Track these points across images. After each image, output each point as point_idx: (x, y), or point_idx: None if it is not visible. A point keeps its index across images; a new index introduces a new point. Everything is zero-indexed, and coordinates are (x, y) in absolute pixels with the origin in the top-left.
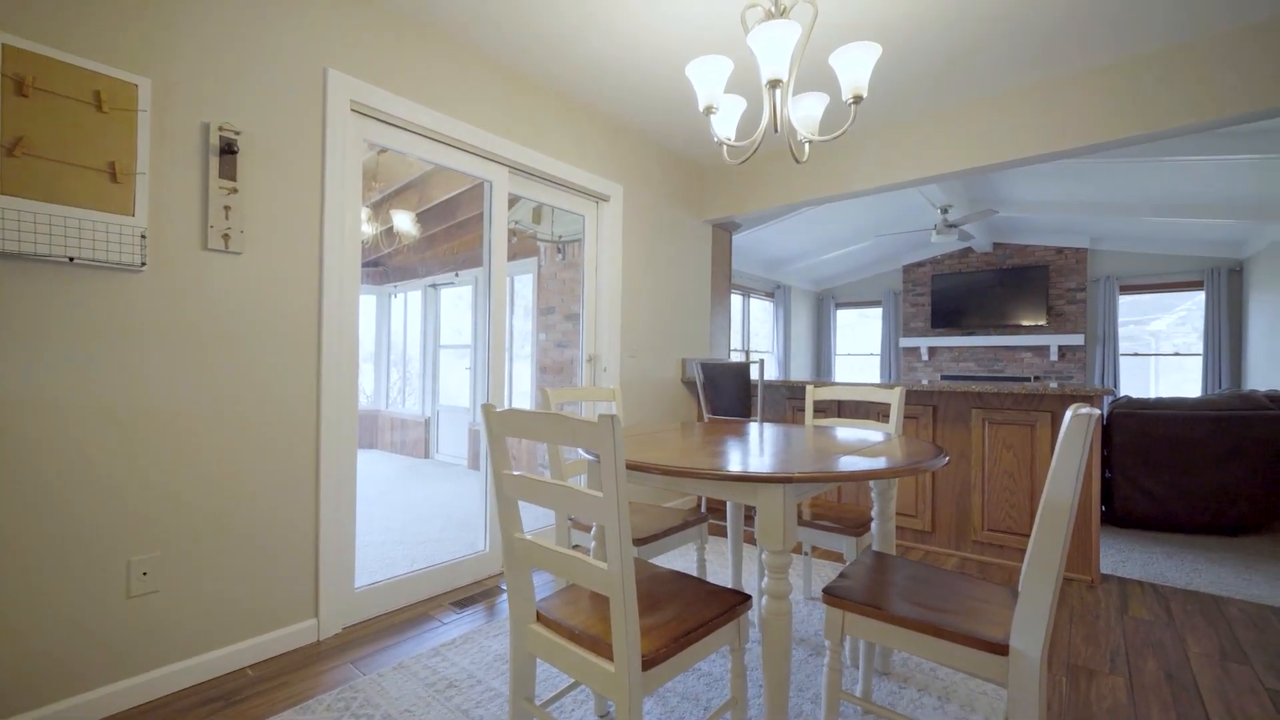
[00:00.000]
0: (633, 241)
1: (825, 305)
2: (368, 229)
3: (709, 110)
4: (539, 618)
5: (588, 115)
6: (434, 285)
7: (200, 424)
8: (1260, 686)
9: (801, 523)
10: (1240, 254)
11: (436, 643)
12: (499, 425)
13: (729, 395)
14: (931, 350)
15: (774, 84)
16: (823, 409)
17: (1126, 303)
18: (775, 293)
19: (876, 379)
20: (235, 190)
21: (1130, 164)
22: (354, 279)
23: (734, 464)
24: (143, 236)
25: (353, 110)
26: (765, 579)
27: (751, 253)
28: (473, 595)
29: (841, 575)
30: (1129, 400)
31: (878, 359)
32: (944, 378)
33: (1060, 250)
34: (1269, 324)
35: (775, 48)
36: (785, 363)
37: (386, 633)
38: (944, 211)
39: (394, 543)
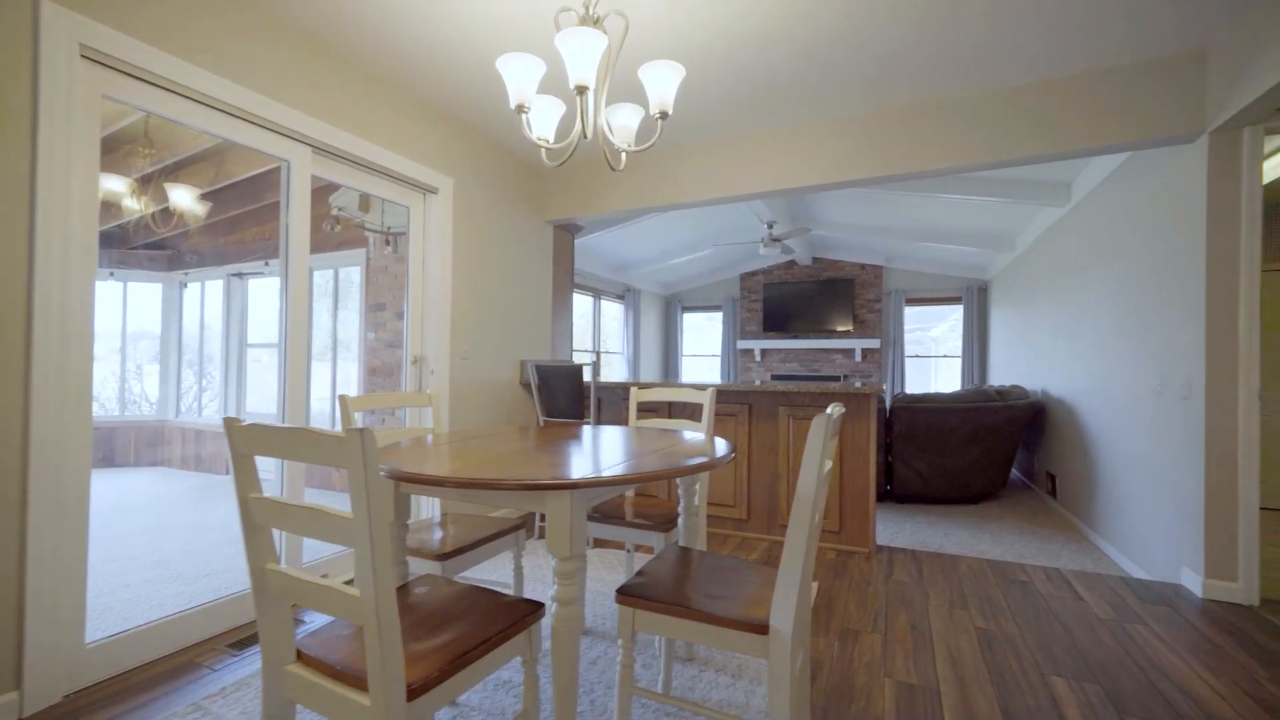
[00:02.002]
0: (465, 237)
1: (673, 308)
2: (132, 204)
3: (521, 109)
4: (300, 656)
5: (414, 102)
6: (239, 274)
7: None
8: (972, 626)
9: (623, 522)
10: (986, 276)
11: (200, 695)
12: (244, 442)
13: (564, 397)
14: (764, 352)
15: (581, 90)
16: (655, 409)
17: (912, 313)
18: (625, 295)
19: (718, 378)
20: None
21: (911, 197)
22: (88, 261)
23: (529, 471)
24: None
25: (84, 57)
26: (554, 585)
27: (601, 255)
28: (258, 633)
29: (639, 573)
30: (906, 395)
31: (719, 360)
32: (774, 377)
33: (863, 266)
34: (1003, 331)
35: (582, 55)
36: (635, 363)
37: (133, 692)
38: (770, 226)
39: (166, 579)
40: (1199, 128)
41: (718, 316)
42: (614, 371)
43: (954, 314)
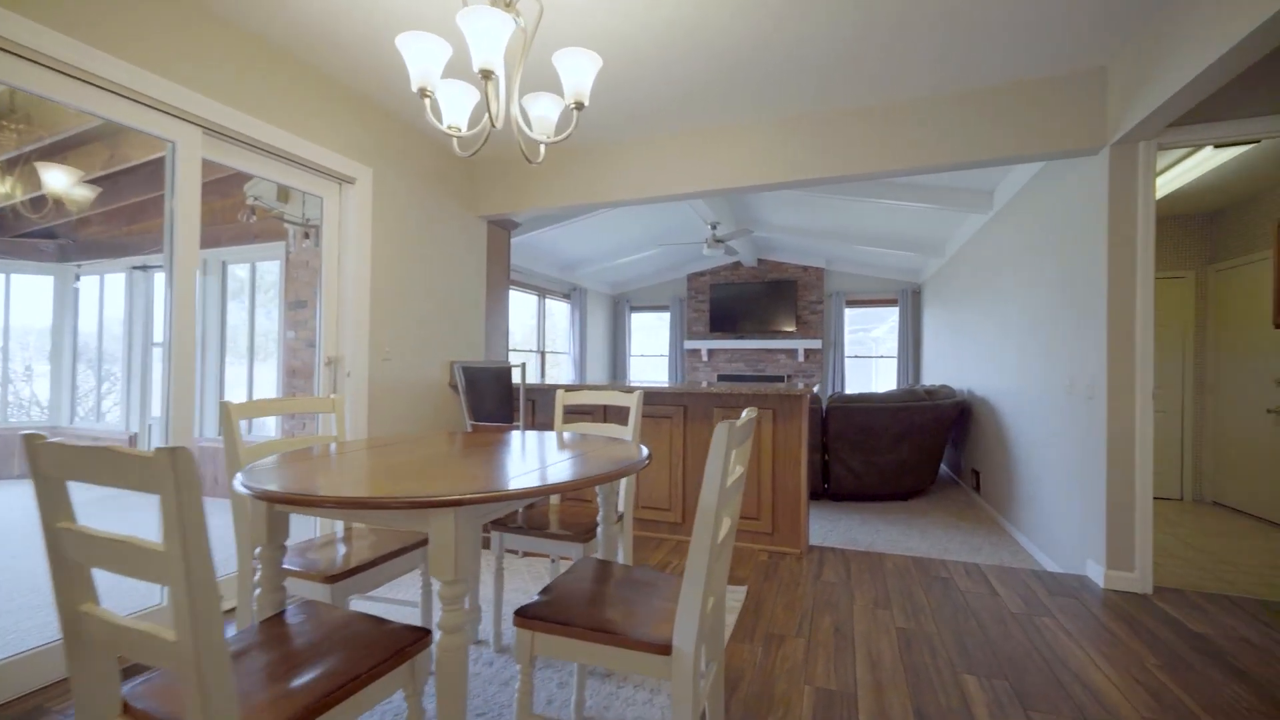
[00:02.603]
0: (387, 231)
1: (621, 308)
2: None
3: (424, 93)
4: (126, 709)
5: (326, 85)
6: (143, 267)
7: None
8: (894, 626)
9: (541, 533)
10: (919, 279)
11: None
12: (52, 464)
13: (492, 400)
14: (710, 352)
15: (486, 74)
16: (590, 411)
17: (854, 314)
18: (572, 294)
19: (666, 378)
20: None
21: (847, 202)
22: None
23: (418, 486)
24: None
25: None
26: (439, 612)
27: (546, 253)
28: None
29: (543, 591)
30: (841, 395)
31: (667, 360)
32: (720, 377)
33: (806, 268)
34: (934, 333)
35: (486, 36)
36: (582, 363)
37: None
38: (713, 227)
39: (30, 610)
40: (1101, 141)
41: (665, 317)
42: (561, 372)
43: (892, 316)
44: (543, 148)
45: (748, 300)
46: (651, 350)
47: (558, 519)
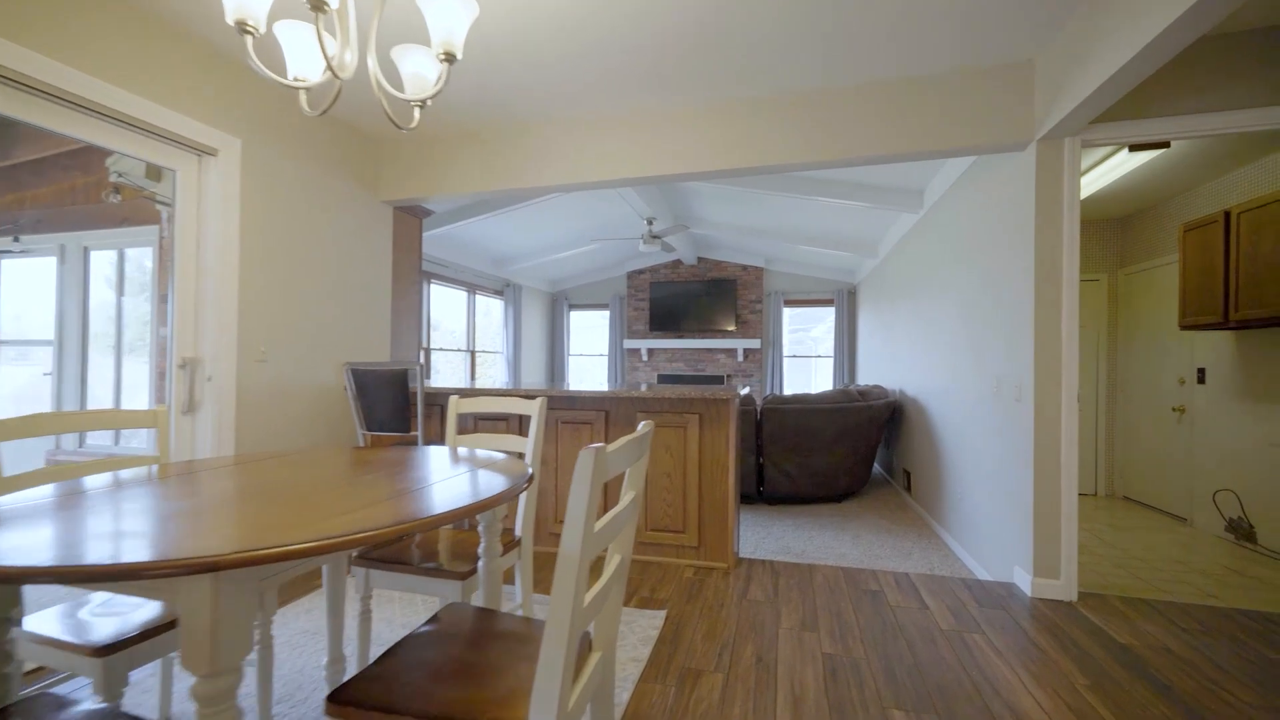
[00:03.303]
0: (262, 213)
1: (559, 306)
2: None
3: (243, 28)
4: None
5: (177, 39)
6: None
7: None
8: (820, 652)
9: (415, 569)
10: (854, 279)
11: None
12: None
13: (385, 407)
14: (650, 351)
15: (318, 6)
16: (503, 418)
17: (794, 314)
18: (505, 291)
19: (606, 379)
20: None
21: (783, 199)
22: None
23: (182, 537)
24: None
25: None
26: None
27: (474, 246)
28: None
29: (377, 661)
30: (775, 397)
31: (607, 359)
32: (660, 377)
33: (745, 267)
34: (870, 333)
35: None
36: (516, 364)
37: None
38: (650, 223)
39: None
40: (1029, 136)
41: (607, 315)
42: (495, 373)
43: (830, 315)
44: (416, 112)
45: (688, 299)
46: (591, 350)
47: (449, 548)
